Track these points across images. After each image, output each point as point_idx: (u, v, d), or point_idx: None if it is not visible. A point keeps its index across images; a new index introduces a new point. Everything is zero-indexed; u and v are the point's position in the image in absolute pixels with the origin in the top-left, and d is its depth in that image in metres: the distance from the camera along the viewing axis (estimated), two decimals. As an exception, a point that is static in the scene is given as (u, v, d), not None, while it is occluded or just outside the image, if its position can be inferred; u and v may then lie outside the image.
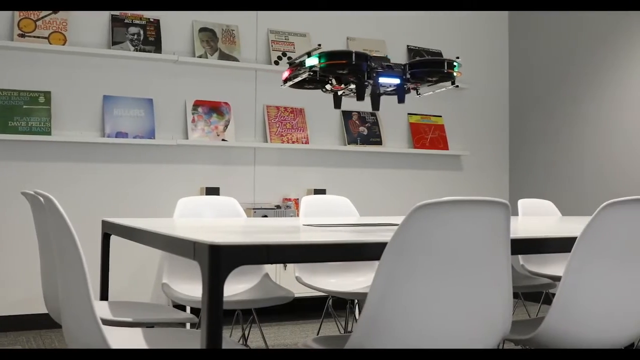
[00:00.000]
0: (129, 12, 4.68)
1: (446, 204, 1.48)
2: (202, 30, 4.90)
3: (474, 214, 1.54)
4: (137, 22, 4.69)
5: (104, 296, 2.73)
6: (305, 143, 5.11)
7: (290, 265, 4.56)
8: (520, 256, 3.60)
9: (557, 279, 3.39)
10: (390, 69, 2.45)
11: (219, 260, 1.48)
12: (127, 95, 4.68)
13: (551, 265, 3.65)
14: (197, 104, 4.85)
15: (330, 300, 3.47)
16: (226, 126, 4.90)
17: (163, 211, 4.75)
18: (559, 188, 5.69)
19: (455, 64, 2.51)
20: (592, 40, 5.48)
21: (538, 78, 5.91)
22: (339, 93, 2.63)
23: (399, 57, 5.64)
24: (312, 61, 2.41)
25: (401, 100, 2.56)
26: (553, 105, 5.77)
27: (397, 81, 2.44)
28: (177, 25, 4.86)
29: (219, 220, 2.67)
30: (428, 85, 2.58)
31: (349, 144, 5.28)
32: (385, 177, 5.51)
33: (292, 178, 5.15)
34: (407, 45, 5.69)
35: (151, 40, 4.70)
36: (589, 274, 1.84)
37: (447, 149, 5.70)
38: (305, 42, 5.21)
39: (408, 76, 2.50)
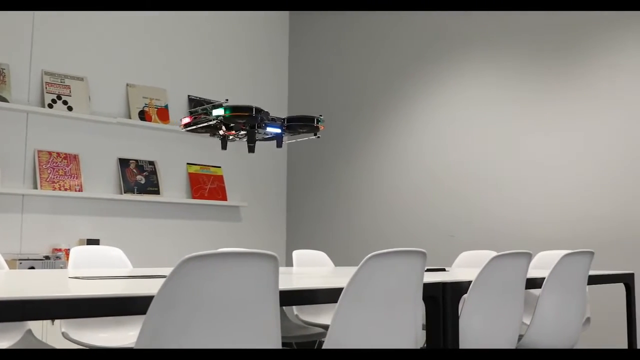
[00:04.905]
0: None
1: (214, 256, 1.47)
2: (-33, 67, 4.58)
3: (242, 266, 1.54)
4: None
5: None
6: (79, 191, 4.90)
7: (58, 320, 4.30)
8: (294, 306, 3.66)
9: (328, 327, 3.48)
10: (273, 121, 3.12)
11: (-35, 318, 1.35)
12: None
13: (324, 315, 3.75)
14: (-41, 146, 4.50)
15: (100, 356, 3.30)
16: (-9, 171, 4.58)
17: None
18: (332, 239, 5.90)
19: (320, 120, 3.22)
20: (367, 98, 5.80)
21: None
22: (230, 138, 3.20)
23: (180, 106, 5.61)
24: (218, 112, 2.95)
25: (279, 145, 3.20)
26: (328, 160, 6.01)
27: (278, 130, 3.14)
28: (-62, 61, 4.51)
29: (-24, 273, 2.47)
30: (292, 135, 3.22)
31: (125, 192, 5.14)
32: (163, 228, 5.42)
33: (64, 227, 4.90)
34: (188, 95, 5.69)
35: None
36: (353, 322, 1.90)
37: (226, 200, 5.73)
38: (82, 87, 5.04)
39: (285, 127, 3.18)
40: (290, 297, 1.93)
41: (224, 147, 3.33)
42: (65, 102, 4.93)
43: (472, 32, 5.18)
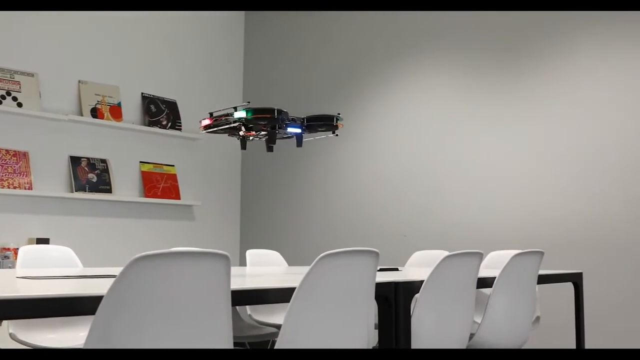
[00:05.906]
0: None
1: (164, 256, 1.46)
2: None
3: (193, 266, 1.52)
4: None
5: None
6: (29, 189, 4.81)
7: (5, 321, 4.22)
8: (247, 306, 3.65)
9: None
10: (294, 121, 3.19)
11: None
12: None
13: (277, 315, 3.75)
14: None
15: (49, 357, 3.24)
16: (-63, 168, 4.48)
17: None
18: (286, 239, 5.89)
19: (339, 118, 3.31)
20: (320, 98, 5.81)
21: (269, 132, 6.12)
22: (250, 139, 3.27)
23: (133, 103, 5.55)
24: (240, 114, 3.03)
25: (299, 144, 3.31)
26: (281, 159, 6.01)
27: (298, 130, 3.24)
28: None
29: None
30: (311, 133, 3.34)
31: (76, 191, 5.06)
32: (115, 227, 5.35)
33: (13, 226, 4.81)
34: (142, 93, 5.63)
35: None
36: (306, 322, 1.90)
37: (179, 199, 5.68)
38: (32, 82, 4.94)
39: (304, 127, 3.27)
40: (243, 297, 1.92)
41: (243, 147, 3.36)
42: (14, 99, 4.84)
43: (424, 32, 5.22)
